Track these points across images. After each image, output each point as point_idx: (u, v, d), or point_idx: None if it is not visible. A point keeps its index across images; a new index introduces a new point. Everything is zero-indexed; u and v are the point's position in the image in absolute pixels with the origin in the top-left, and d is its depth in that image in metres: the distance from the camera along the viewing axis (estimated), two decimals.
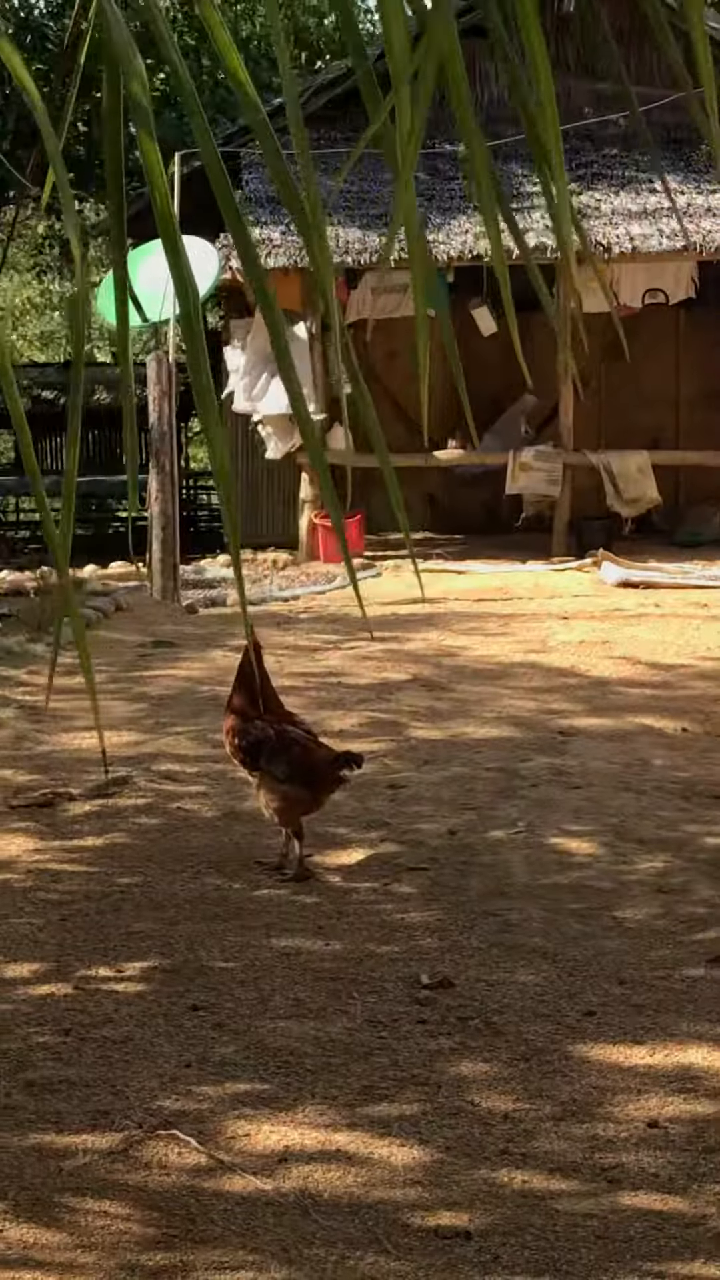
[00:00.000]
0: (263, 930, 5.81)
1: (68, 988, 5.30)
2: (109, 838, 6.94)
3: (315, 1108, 4.44)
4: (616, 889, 6.32)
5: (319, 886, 6.33)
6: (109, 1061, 4.72)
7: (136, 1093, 4.51)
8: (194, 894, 6.20)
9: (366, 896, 6.21)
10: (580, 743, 8.74)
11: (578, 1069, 4.70)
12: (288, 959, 5.53)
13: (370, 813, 7.29)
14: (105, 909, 6.07)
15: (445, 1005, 5.13)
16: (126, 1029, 4.96)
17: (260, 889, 6.28)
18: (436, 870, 6.52)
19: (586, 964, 5.50)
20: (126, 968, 5.47)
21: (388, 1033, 4.93)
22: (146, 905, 6.10)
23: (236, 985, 5.30)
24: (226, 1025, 4.99)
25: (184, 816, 7.26)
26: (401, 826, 7.10)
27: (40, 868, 6.58)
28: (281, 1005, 5.14)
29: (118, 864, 6.59)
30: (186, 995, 5.22)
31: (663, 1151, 4.20)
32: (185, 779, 7.87)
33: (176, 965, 5.48)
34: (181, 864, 6.57)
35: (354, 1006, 5.13)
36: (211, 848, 6.80)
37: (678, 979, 5.38)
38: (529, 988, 5.28)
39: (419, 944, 5.69)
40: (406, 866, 6.55)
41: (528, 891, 6.26)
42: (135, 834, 7.00)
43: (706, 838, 6.99)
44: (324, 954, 5.58)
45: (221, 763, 7.41)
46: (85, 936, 5.78)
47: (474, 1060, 4.75)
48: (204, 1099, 4.49)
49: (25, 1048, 4.82)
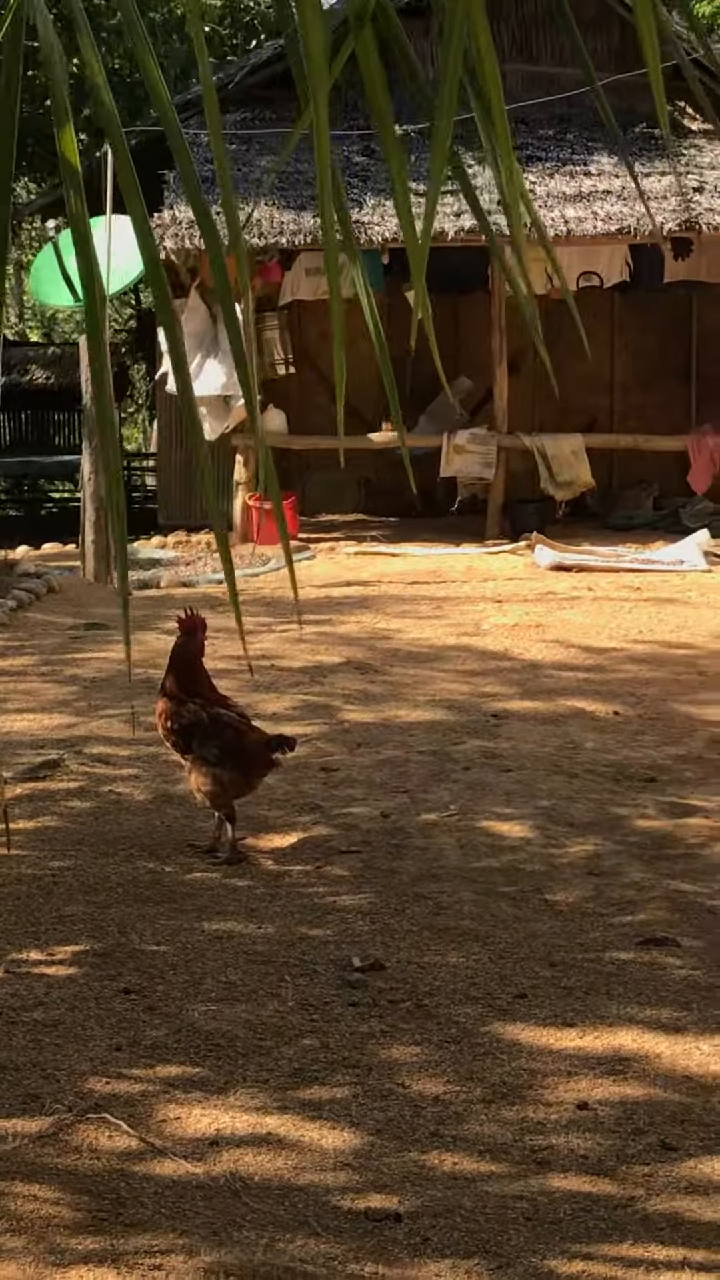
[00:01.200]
0: (195, 913, 5.80)
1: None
2: (40, 821, 6.91)
3: (246, 1091, 4.44)
4: (548, 871, 6.34)
5: (251, 870, 6.32)
6: (39, 1045, 4.70)
7: (67, 1076, 4.50)
8: (126, 877, 6.19)
9: (299, 879, 6.21)
10: (512, 726, 8.76)
11: (508, 1051, 4.72)
12: (219, 942, 5.53)
13: (303, 796, 7.29)
14: (36, 892, 6.04)
15: (376, 988, 5.14)
16: (57, 1012, 4.94)
17: (192, 872, 6.27)
18: (369, 853, 6.52)
19: (517, 946, 5.52)
20: (58, 951, 5.46)
21: (319, 1015, 4.94)
22: (78, 888, 6.08)
23: (168, 968, 5.29)
24: (158, 1008, 4.98)
25: (116, 800, 7.24)
26: (334, 809, 7.11)
27: None
28: (213, 988, 5.13)
29: (49, 847, 6.57)
30: (118, 978, 5.21)
31: (592, 1134, 4.23)
32: (117, 762, 7.85)
33: (108, 948, 5.46)
34: (113, 847, 6.56)
35: (285, 989, 5.13)
36: (144, 831, 6.79)
37: (608, 961, 5.41)
38: (460, 970, 5.30)
39: (351, 927, 5.69)
40: (339, 849, 6.56)
41: (459, 874, 6.28)
42: (67, 817, 6.98)
43: (637, 820, 7.02)
44: (256, 937, 5.58)
45: (154, 746, 7.39)
46: (16, 919, 5.76)
47: (405, 1043, 4.76)
48: (135, 1082, 4.49)
49: None
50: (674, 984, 5.22)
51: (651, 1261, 3.63)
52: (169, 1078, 4.52)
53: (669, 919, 5.81)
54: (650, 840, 6.74)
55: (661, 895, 6.06)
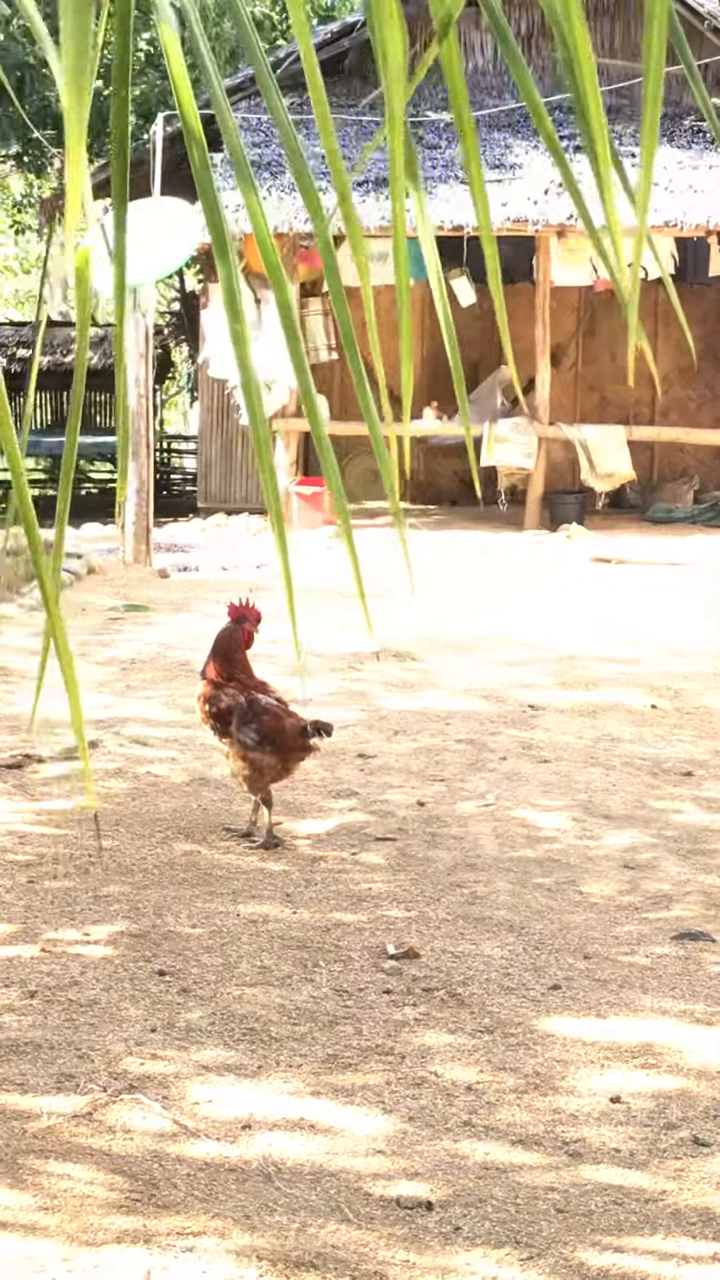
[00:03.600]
0: (230, 897, 5.82)
1: (34, 950, 5.30)
2: (78, 801, 6.94)
3: (280, 1075, 4.45)
4: (583, 864, 6.35)
5: (287, 854, 6.34)
6: (74, 1025, 4.72)
7: (102, 1056, 4.51)
8: (162, 859, 6.21)
9: (334, 865, 6.23)
10: (549, 717, 8.76)
11: (541, 1042, 4.72)
12: (254, 926, 5.54)
13: (339, 782, 7.31)
14: (73, 872, 6.07)
15: (411, 976, 5.14)
16: (93, 992, 4.96)
17: (229, 855, 6.29)
18: (404, 841, 6.53)
19: (552, 938, 5.52)
20: (93, 931, 5.48)
21: (353, 1002, 4.94)
22: (115, 869, 6.10)
23: (203, 951, 5.31)
24: (192, 991, 5.00)
25: (153, 781, 7.27)
26: (370, 796, 7.12)
27: (8, 829, 6.58)
28: (248, 972, 5.15)
29: (86, 827, 6.59)
30: (153, 960, 5.23)
31: (624, 1126, 4.23)
32: (155, 744, 7.87)
33: (144, 930, 5.48)
34: (150, 829, 6.58)
35: (320, 975, 5.14)
36: (180, 813, 6.81)
37: (642, 955, 5.40)
38: (494, 960, 5.30)
39: (386, 914, 5.70)
40: (375, 836, 6.57)
41: (495, 864, 6.29)
42: (104, 798, 7.00)
43: (673, 814, 7.02)
44: (291, 922, 5.60)
45: (192, 728, 7.42)
46: (52, 899, 5.78)
47: (438, 1031, 4.77)
48: (169, 1064, 4.50)
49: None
50: (709, 979, 5.21)
51: (683, 1255, 3.62)
52: (203, 1060, 4.53)
53: (704, 914, 5.80)
54: (686, 835, 6.73)
55: (697, 890, 6.05)
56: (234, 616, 6.72)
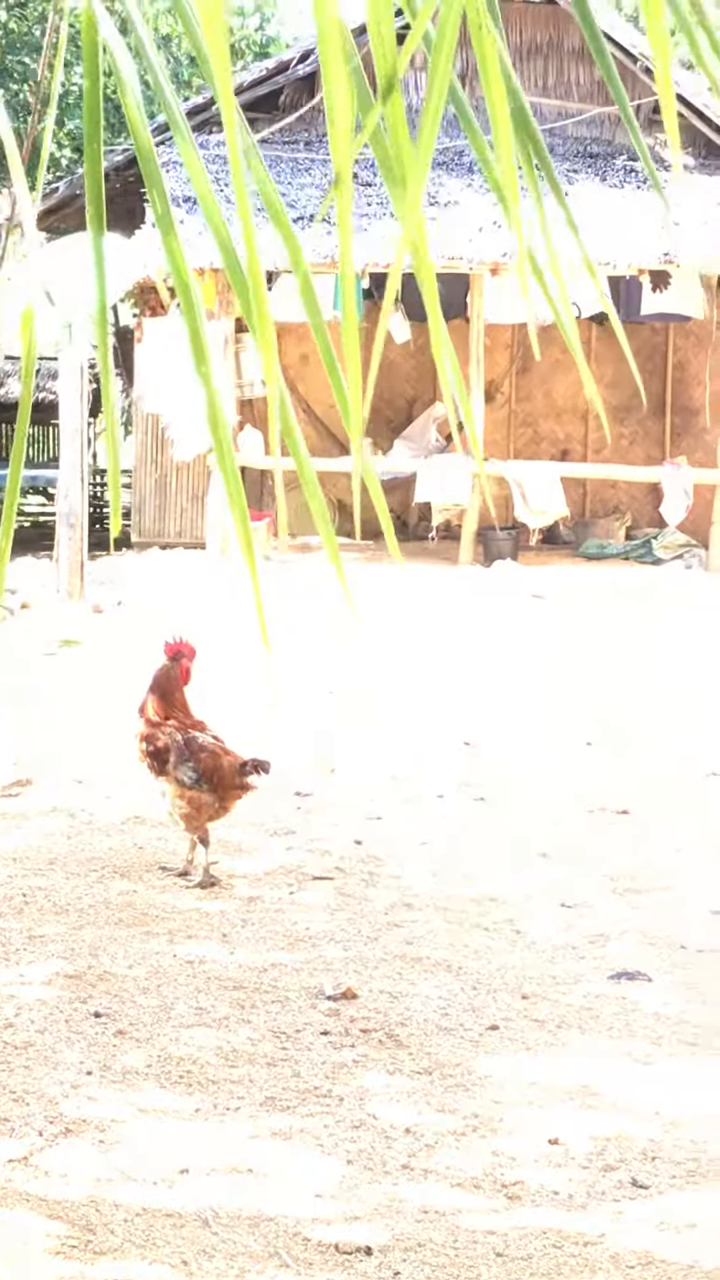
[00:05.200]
0: (167, 937, 5.79)
1: None
2: (12, 839, 6.89)
3: (217, 1118, 4.42)
4: (520, 902, 6.35)
5: (224, 894, 6.31)
6: (9, 1067, 4.68)
7: (37, 1099, 4.48)
8: (98, 898, 6.17)
9: (271, 905, 6.20)
10: (486, 753, 8.77)
11: (480, 1083, 4.71)
12: (191, 967, 5.51)
13: (277, 820, 7.29)
14: (7, 911, 6.02)
15: (349, 1017, 5.13)
16: (27, 1034, 4.92)
17: (165, 895, 6.26)
18: (342, 880, 6.52)
19: (489, 978, 5.52)
20: (28, 972, 5.43)
21: (291, 1043, 4.93)
22: (50, 909, 6.06)
23: (140, 992, 5.28)
24: (129, 1033, 4.97)
25: (89, 820, 7.23)
26: (308, 835, 7.11)
27: None
28: (185, 1014, 5.12)
29: (21, 866, 6.55)
30: (89, 1001, 5.19)
31: (563, 1168, 4.23)
32: (91, 781, 7.83)
33: (79, 970, 5.44)
34: (86, 868, 6.54)
35: (257, 1016, 5.12)
36: (117, 852, 6.77)
37: (579, 994, 5.41)
38: (432, 1000, 5.29)
39: (323, 954, 5.69)
40: (312, 875, 6.56)
41: (432, 903, 6.28)
42: (39, 836, 6.96)
43: (609, 852, 7.03)
44: (228, 962, 5.57)
45: (128, 766, 7.37)
46: None
47: (377, 1073, 4.76)
48: (106, 1107, 4.46)
49: None
50: (645, 1018, 5.22)
51: None
52: (140, 1103, 4.50)
53: (640, 953, 5.81)
54: (623, 873, 6.74)
55: (633, 929, 6.06)
56: (170, 654, 6.70)
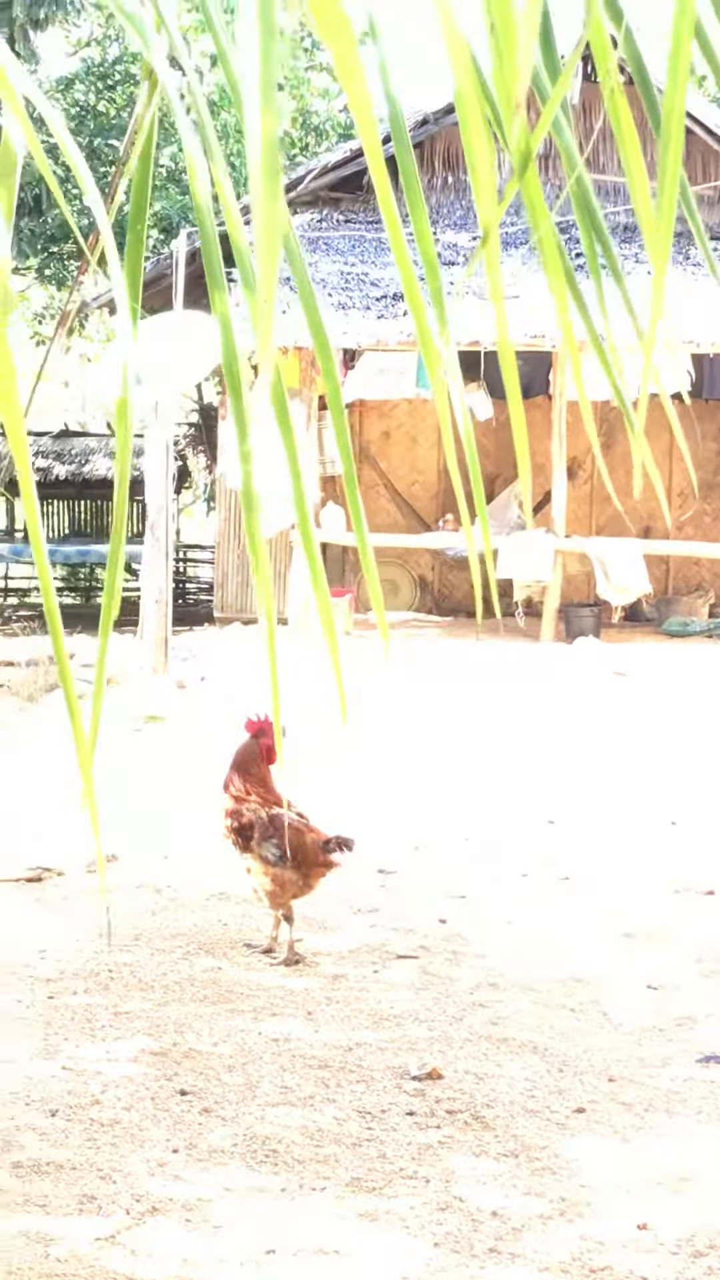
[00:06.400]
0: (251, 1015, 5.79)
1: (55, 1067, 5.27)
2: (98, 915, 6.92)
3: (303, 1199, 4.41)
4: (605, 983, 6.31)
5: (308, 971, 6.31)
6: (96, 1144, 4.69)
7: (125, 1177, 4.48)
8: (183, 975, 6.18)
9: (356, 983, 6.19)
10: (569, 832, 8.74)
11: (567, 1166, 4.68)
12: (276, 1045, 5.51)
13: (361, 898, 7.28)
14: (94, 988, 6.04)
15: (434, 1097, 5.11)
16: (114, 1112, 4.93)
17: (250, 972, 6.26)
18: (426, 958, 6.50)
19: (575, 1059, 5.48)
20: (114, 1049, 5.45)
21: (376, 1124, 4.91)
22: (135, 985, 6.08)
23: (225, 1070, 5.28)
24: (214, 1111, 4.97)
25: (174, 895, 7.25)
26: (392, 912, 7.10)
27: (28, 944, 6.56)
28: (270, 1092, 5.11)
29: (106, 942, 6.57)
30: (175, 1079, 5.19)
31: (652, 1254, 4.18)
32: (175, 857, 7.86)
33: (165, 1048, 5.45)
34: (171, 944, 6.56)
35: (342, 1095, 5.11)
36: (201, 928, 6.79)
37: (666, 1077, 5.36)
38: (518, 1082, 5.26)
39: (408, 1033, 5.67)
40: (396, 954, 6.54)
41: (517, 984, 6.25)
42: (124, 911, 6.98)
43: (695, 933, 6.98)
44: (313, 1041, 5.56)
45: (212, 842, 7.39)
46: (73, 1015, 5.76)
47: (463, 1154, 4.73)
48: (192, 1186, 4.46)
49: (12, 1127, 4.79)
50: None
51: None
52: (226, 1183, 4.49)
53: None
54: (710, 954, 6.69)
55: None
56: (253, 731, 6.73)
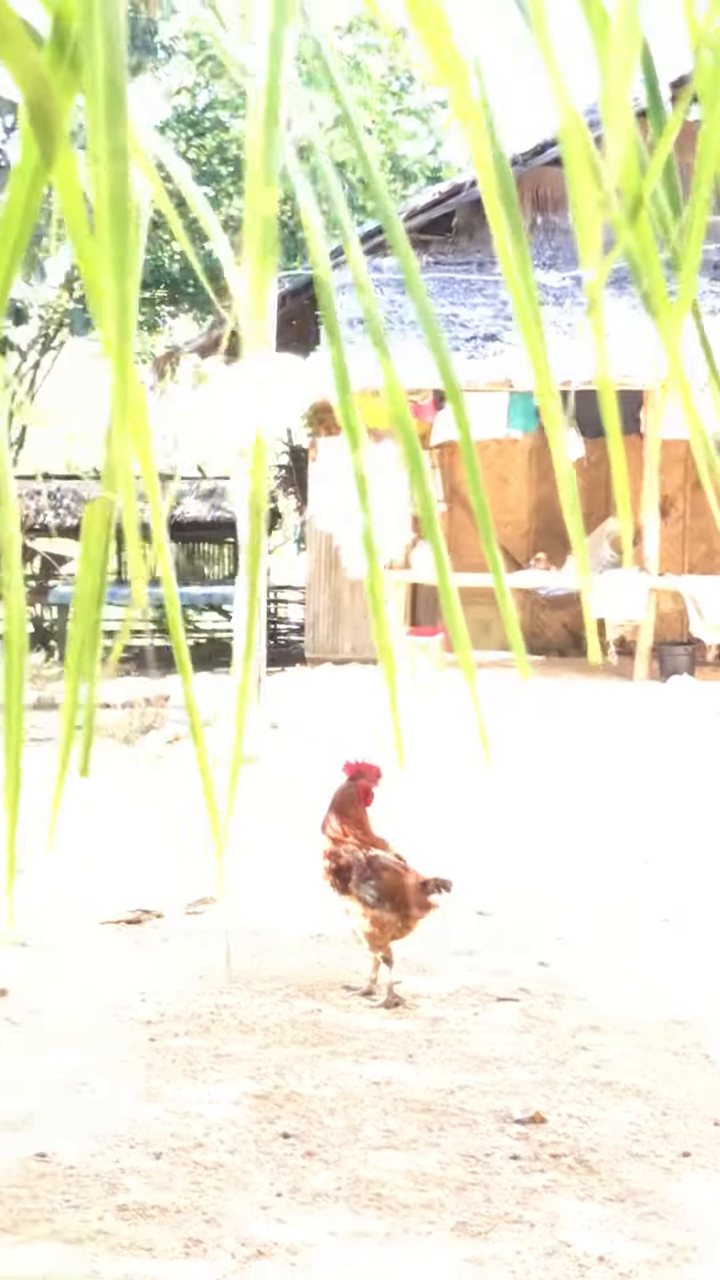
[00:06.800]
0: (352, 1057, 5.78)
1: (158, 1110, 5.28)
2: (198, 957, 6.93)
3: (408, 1243, 4.39)
4: (708, 1026, 6.25)
5: (408, 1014, 6.29)
6: (200, 1188, 4.69)
7: (229, 1221, 4.47)
8: (283, 1018, 6.18)
9: (456, 1026, 6.17)
10: (670, 874, 8.67)
11: (673, 1211, 4.63)
12: (378, 1088, 5.49)
13: (459, 939, 7.26)
14: (194, 1030, 6.05)
15: (538, 1141, 5.07)
16: (218, 1155, 4.92)
17: (350, 1014, 6.25)
18: (527, 1001, 6.47)
19: (680, 1103, 5.43)
20: (216, 1091, 5.45)
21: (481, 1168, 4.88)
22: (235, 1028, 6.08)
23: (327, 1113, 5.26)
24: (317, 1154, 4.95)
25: (272, 937, 7.25)
26: (490, 954, 7.07)
27: (129, 986, 6.57)
28: (372, 1135, 5.09)
29: (206, 984, 6.58)
30: (277, 1122, 5.19)
31: None
32: (273, 899, 7.86)
33: (266, 1090, 5.44)
34: (270, 986, 6.56)
35: (446, 1139, 5.08)
36: (300, 970, 6.78)
37: None
38: (622, 1125, 5.22)
39: (510, 1077, 5.64)
40: (496, 996, 6.51)
41: (619, 1026, 6.20)
42: (223, 954, 6.99)
43: None
44: (414, 1084, 5.54)
45: (310, 883, 7.40)
46: (174, 1058, 5.76)
47: (568, 1198, 4.69)
48: (297, 1230, 4.44)
49: (117, 1170, 4.80)
50: None
51: None
52: (331, 1227, 4.48)
53: None
54: None
55: None
56: (351, 773, 6.73)
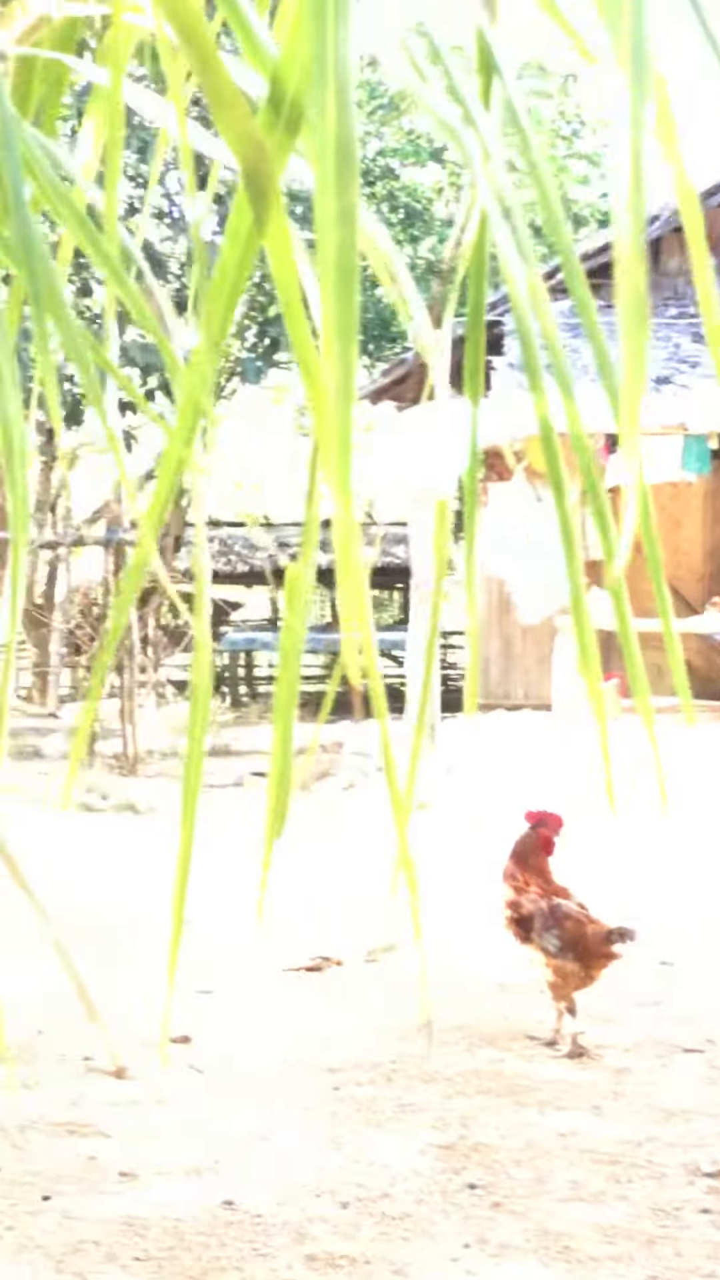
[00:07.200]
0: (537, 1108, 5.74)
1: (343, 1159, 5.28)
2: (379, 1007, 6.93)
3: None
4: None
5: (593, 1064, 6.24)
6: (388, 1238, 4.68)
7: (418, 1271, 4.45)
8: (466, 1067, 6.16)
9: (642, 1077, 6.10)
10: None
11: None
12: (564, 1139, 5.45)
13: (643, 989, 7.19)
14: (377, 1079, 6.05)
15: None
16: (404, 1205, 4.91)
17: (533, 1064, 6.22)
18: (713, 1052, 6.39)
19: None
20: (401, 1141, 5.44)
21: (671, 1221, 4.81)
22: (418, 1077, 6.07)
23: (513, 1164, 5.23)
24: (504, 1205, 4.92)
25: (455, 987, 7.23)
26: (675, 1004, 6.99)
27: (311, 1034, 6.59)
28: (559, 1187, 5.05)
29: (388, 1033, 6.58)
30: (462, 1172, 5.16)
31: None
32: (457, 947, 7.85)
33: (451, 1141, 5.43)
34: (453, 1035, 6.54)
35: (634, 1192, 5.02)
36: (482, 1020, 6.76)
37: None
38: None
39: (698, 1129, 5.56)
40: (683, 1047, 6.44)
41: None
42: (405, 1003, 6.98)
43: None
44: (601, 1135, 5.49)
45: (491, 932, 7.37)
46: (358, 1107, 5.76)
47: None
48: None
49: (305, 1219, 4.81)
50: None
51: None
52: (519, 1278, 4.44)
53: None
54: None
55: None
56: (532, 821, 6.71)
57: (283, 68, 1.60)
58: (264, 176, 1.60)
